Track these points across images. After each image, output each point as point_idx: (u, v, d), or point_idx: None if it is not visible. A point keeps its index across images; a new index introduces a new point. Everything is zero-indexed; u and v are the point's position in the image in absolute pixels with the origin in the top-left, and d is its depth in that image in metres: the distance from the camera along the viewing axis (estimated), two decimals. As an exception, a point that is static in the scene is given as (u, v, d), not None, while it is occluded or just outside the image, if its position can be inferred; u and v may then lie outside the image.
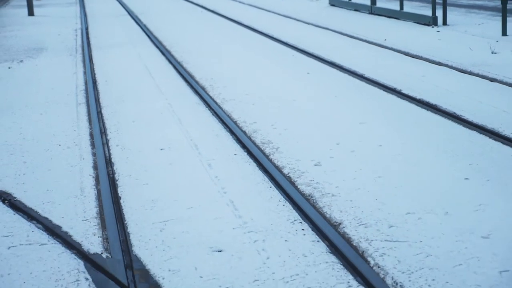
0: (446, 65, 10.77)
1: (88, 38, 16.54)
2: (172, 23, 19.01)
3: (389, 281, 4.24)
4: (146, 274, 4.52)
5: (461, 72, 10.27)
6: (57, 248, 4.98)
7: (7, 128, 8.33)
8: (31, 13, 22.66)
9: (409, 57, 11.80)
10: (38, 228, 5.35)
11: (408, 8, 18.07)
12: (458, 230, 4.87)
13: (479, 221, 5.00)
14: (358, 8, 19.16)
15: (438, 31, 14.31)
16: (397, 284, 4.19)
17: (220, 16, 20.57)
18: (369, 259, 4.54)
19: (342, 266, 4.47)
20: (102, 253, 4.86)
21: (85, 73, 11.86)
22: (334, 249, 4.72)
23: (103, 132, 8.06)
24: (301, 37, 14.76)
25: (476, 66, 10.51)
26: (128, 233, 5.16)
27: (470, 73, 10.10)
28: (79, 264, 4.71)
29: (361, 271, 4.38)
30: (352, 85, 9.90)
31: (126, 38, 16.44)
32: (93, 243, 5.02)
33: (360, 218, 5.17)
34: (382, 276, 4.32)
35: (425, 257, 4.50)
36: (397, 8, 17.15)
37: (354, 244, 4.78)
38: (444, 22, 15.00)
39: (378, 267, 4.42)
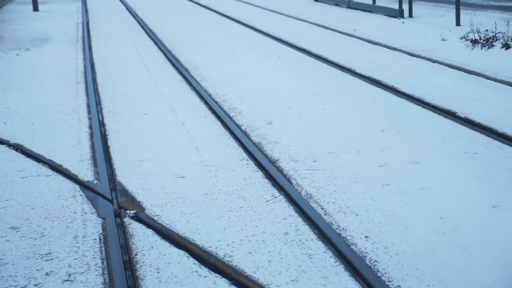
0: (400, 50, 12.29)
1: (88, 30, 18.07)
2: (165, 17, 20.54)
3: (303, 193, 5.77)
4: (125, 192, 6.05)
5: (411, 55, 11.80)
6: (60, 177, 6.51)
7: (17, 101, 9.84)
8: (36, 9, 24.23)
9: (371, 44, 13.32)
10: (45, 166, 6.87)
11: (383, 2, 19.56)
12: (363, 162, 6.41)
13: (381, 157, 6.53)
14: (338, 3, 20.69)
15: (403, 22, 15.85)
16: (308, 194, 5.71)
17: (211, 11, 22.10)
18: (292, 180, 6.07)
19: (271, 185, 6.00)
20: (93, 181, 6.39)
21: (84, 59, 13.39)
22: (268, 175, 6.25)
23: (98, 103, 9.58)
24: (281, 28, 16.28)
25: (425, 50, 12.04)
26: (114, 168, 6.69)
27: (419, 56, 11.62)
28: (76, 187, 6.25)
29: (284, 187, 5.90)
30: (315, 66, 11.43)
31: (124, 30, 17.95)
32: (86, 175, 6.55)
33: (293, 157, 6.70)
34: (299, 190, 5.84)
35: (333, 178, 6.03)
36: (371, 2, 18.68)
37: (284, 172, 6.30)
38: (410, 15, 16.53)
39: (298, 185, 5.95)
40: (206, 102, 9.22)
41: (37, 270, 4.63)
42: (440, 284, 4.15)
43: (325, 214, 5.29)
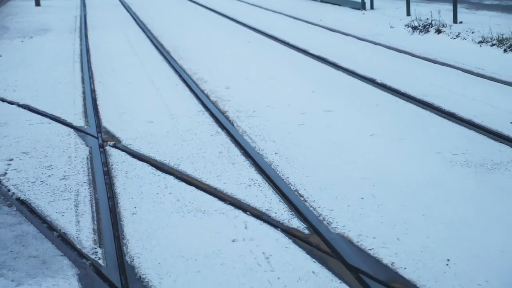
0: (353, 36, 14.26)
1: (85, 22, 20.04)
2: (156, 11, 22.52)
3: (240, 130, 7.73)
4: (108, 132, 8.01)
5: (360, 39, 13.77)
6: (58, 124, 8.48)
7: (23, 75, 11.81)
8: (37, 4, 26.25)
9: (330, 31, 15.30)
10: (47, 118, 8.84)
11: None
12: (292, 112, 8.37)
13: (304, 108, 8.50)
14: (313, -3, 22.70)
15: (363, 14, 17.85)
16: (243, 131, 7.67)
17: (200, 5, 24.08)
18: (233, 123, 8.03)
19: (217, 126, 7.96)
20: (84, 126, 8.36)
21: (81, 44, 15.36)
22: (217, 120, 8.21)
23: (91, 77, 11.54)
24: (256, 19, 18.25)
25: (372, 35, 14.01)
26: (100, 119, 8.65)
27: (366, 40, 13.59)
28: (71, 130, 8.21)
29: (226, 127, 7.87)
30: (276, 49, 13.41)
31: (117, 22, 19.90)
32: (79, 122, 8.51)
33: (238, 109, 8.67)
34: (237, 129, 7.79)
35: (265, 122, 8.00)
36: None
37: (230, 119, 8.26)
38: (372, 7, 18.53)
39: (237, 126, 7.91)
40: (180, 75, 11.19)
41: (42, 174, 6.61)
42: (317, 176, 6.11)
43: (251, 142, 7.25)
